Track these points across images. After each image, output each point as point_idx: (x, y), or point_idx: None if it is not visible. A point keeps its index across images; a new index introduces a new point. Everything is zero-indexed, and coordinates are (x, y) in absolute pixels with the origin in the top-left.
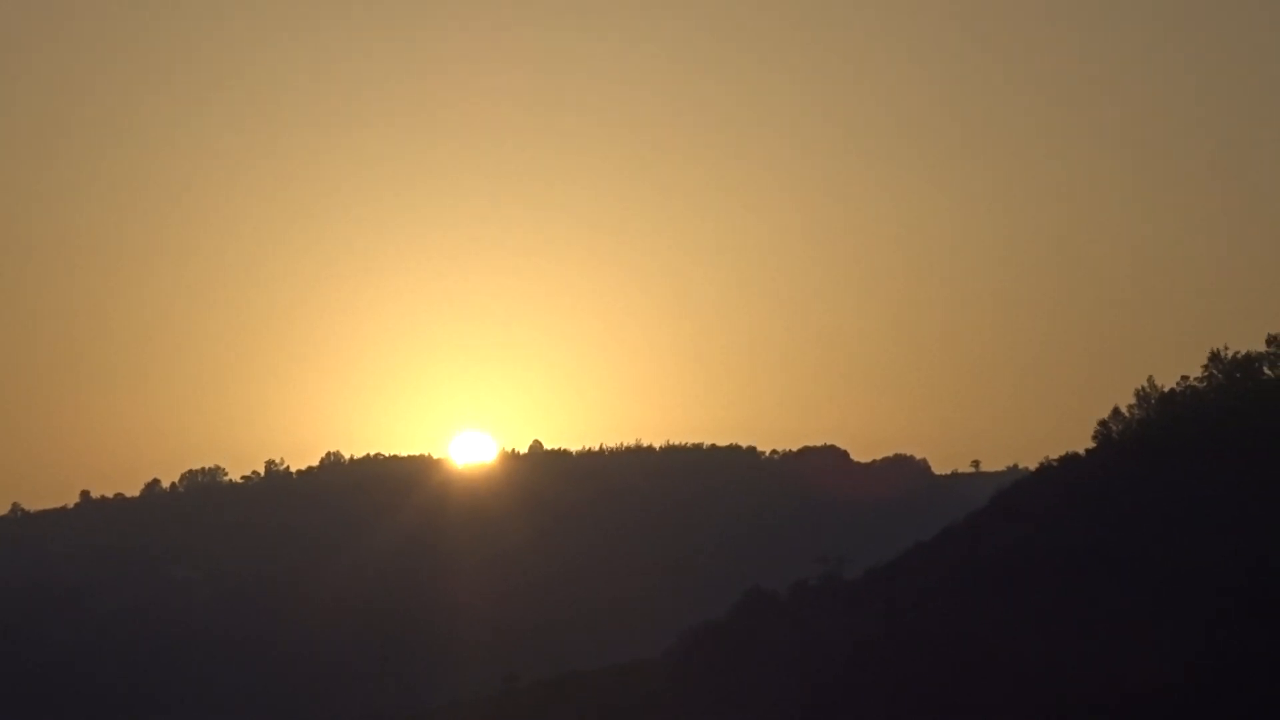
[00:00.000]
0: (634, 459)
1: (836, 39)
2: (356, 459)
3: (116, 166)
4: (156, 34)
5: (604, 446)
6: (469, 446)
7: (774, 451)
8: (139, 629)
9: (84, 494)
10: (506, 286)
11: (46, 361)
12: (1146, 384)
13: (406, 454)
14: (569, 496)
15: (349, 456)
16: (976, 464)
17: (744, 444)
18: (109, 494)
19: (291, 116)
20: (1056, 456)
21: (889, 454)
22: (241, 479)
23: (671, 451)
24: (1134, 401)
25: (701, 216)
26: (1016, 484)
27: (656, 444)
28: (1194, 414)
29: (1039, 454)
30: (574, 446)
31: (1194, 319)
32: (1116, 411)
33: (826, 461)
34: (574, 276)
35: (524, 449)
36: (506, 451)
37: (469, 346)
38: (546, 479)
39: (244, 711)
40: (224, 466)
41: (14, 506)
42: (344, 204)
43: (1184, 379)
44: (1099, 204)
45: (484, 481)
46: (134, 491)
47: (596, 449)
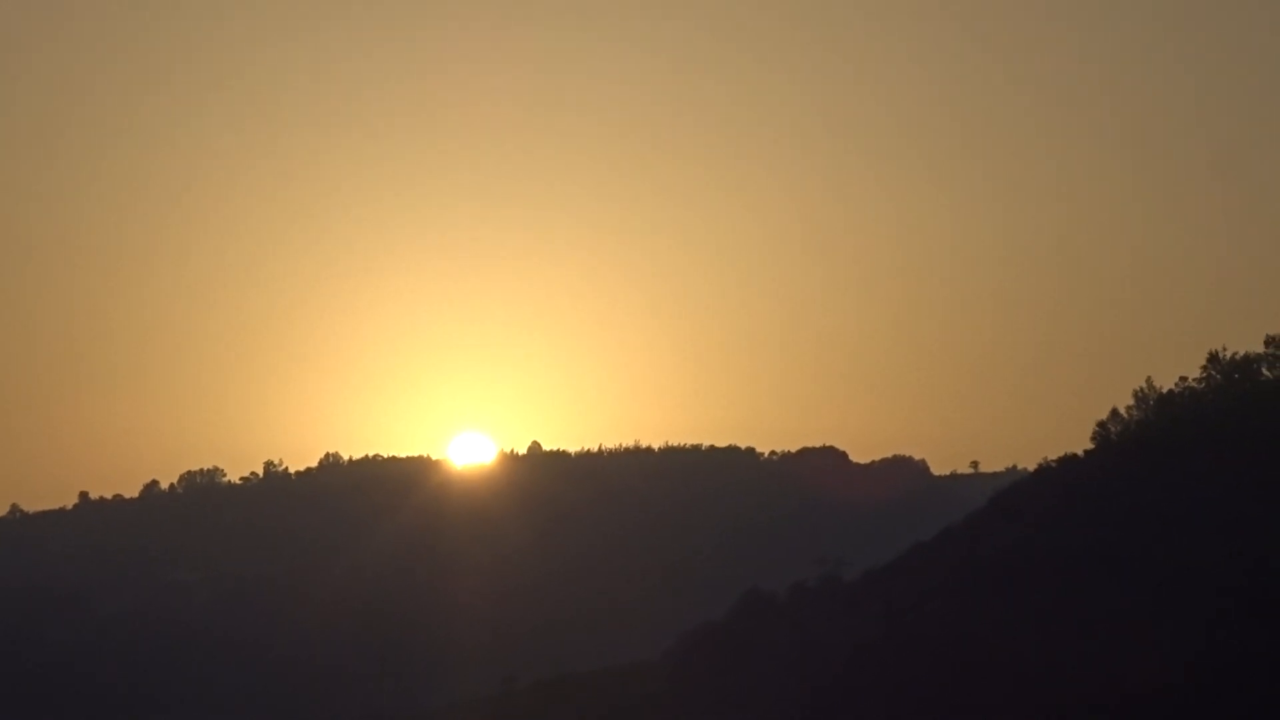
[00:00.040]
0: (633, 460)
1: (836, 39)
2: (355, 460)
3: (116, 166)
4: (156, 34)
5: (603, 447)
6: (468, 447)
7: (773, 452)
8: (138, 630)
9: (83, 495)
10: (506, 287)
11: (46, 362)
12: (1145, 385)
13: (405, 455)
14: (568, 497)
15: (348, 458)
16: (975, 465)
17: (743, 445)
18: (108, 495)
19: (291, 116)
20: (1055, 457)
21: (888, 455)
22: (240, 480)
23: (670, 452)
24: (1132, 402)
25: (700, 217)
26: (1015, 485)
27: (655, 445)
28: (1192, 415)
29: (1038, 455)
30: (573, 447)
31: (1192, 320)
32: (1115, 412)
33: (825, 462)
34: (573, 277)
35: (523, 450)
36: (505, 452)
37: (468, 347)
38: (545, 480)
39: (243, 712)
40: (223, 468)
41: (13, 507)
42: (343, 204)
43: (1182, 380)
44: (1097, 205)
45: (483, 482)
46: (133, 493)
47: (595, 450)
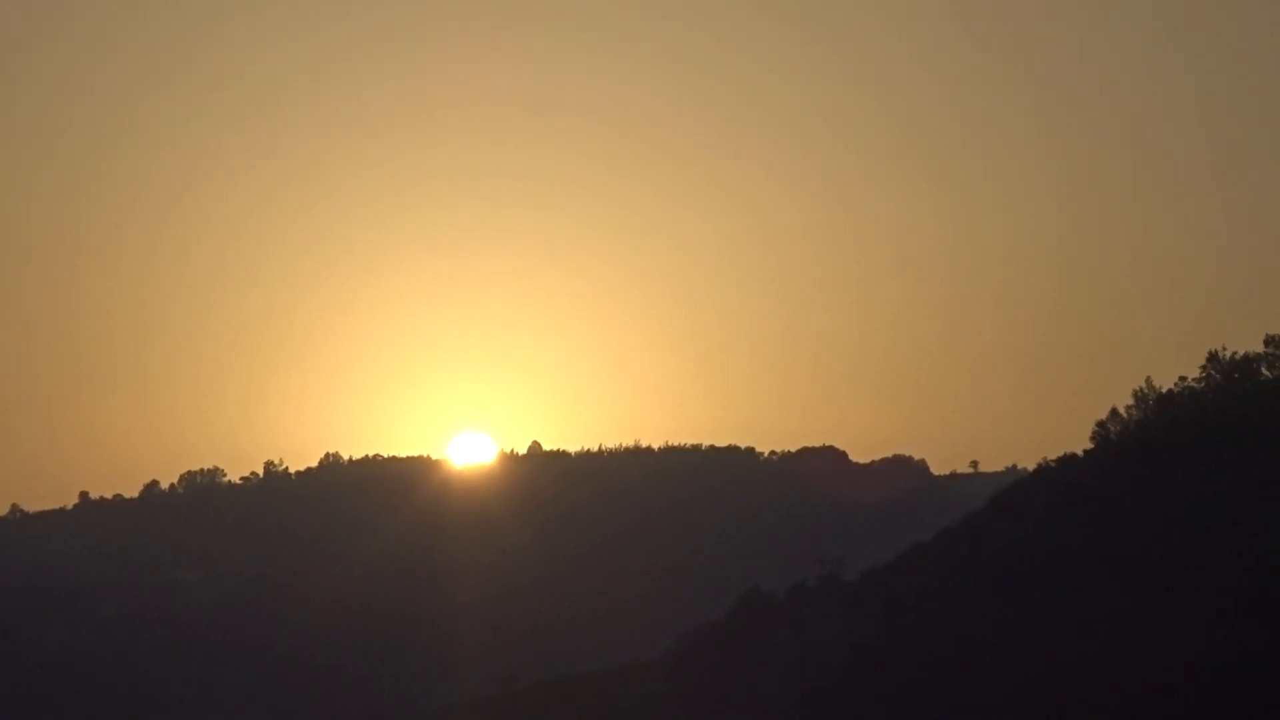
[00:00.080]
0: (633, 460)
1: (836, 39)
2: (355, 460)
3: (116, 166)
4: (156, 34)
5: (603, 447)
6: (468, 447)
7: (773, 452)
8: (138, 629)
9: (83, 495)
10: (506, 287)
11: (46, 362)
12: (1144, 385)
13: (405, 455)
14: (568, 497)
15: (348, 457)
16: (975, 464)
17: (743, 445)
18: (108, 495)
19: (291, 116)
20: (1055, 457)
21: (888, 454)
22: (240, 480)
23: (670, 452)
24: (1132, 402)
25: (700, 217)
26: (1015, 484)
27: (655, 445)
28: (1192, 414)
29: (1037, 454)
30: (573, 447)
31: (1192, 320)
32: (1114, 412)
33: (825, 462)
34: (573, 277)
35: (523, 450)
36: (505, 452)
37: (468, 347)
38: (545, 480)
39: (243, 712)
40: (223, 467)
41: (13, 507)
42: (343, 204)
43: (1182, 380)
44: (1097, 205)
45: (483, 482)
46: (133, 492)
47: (595, 450)
